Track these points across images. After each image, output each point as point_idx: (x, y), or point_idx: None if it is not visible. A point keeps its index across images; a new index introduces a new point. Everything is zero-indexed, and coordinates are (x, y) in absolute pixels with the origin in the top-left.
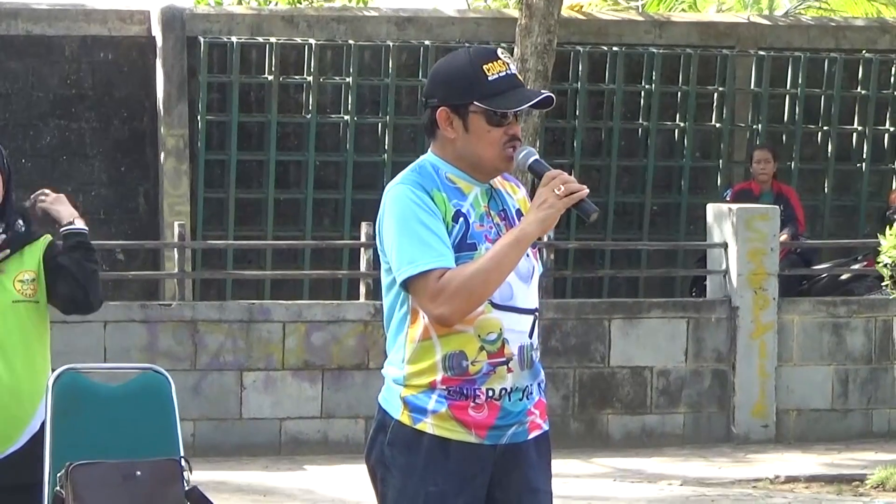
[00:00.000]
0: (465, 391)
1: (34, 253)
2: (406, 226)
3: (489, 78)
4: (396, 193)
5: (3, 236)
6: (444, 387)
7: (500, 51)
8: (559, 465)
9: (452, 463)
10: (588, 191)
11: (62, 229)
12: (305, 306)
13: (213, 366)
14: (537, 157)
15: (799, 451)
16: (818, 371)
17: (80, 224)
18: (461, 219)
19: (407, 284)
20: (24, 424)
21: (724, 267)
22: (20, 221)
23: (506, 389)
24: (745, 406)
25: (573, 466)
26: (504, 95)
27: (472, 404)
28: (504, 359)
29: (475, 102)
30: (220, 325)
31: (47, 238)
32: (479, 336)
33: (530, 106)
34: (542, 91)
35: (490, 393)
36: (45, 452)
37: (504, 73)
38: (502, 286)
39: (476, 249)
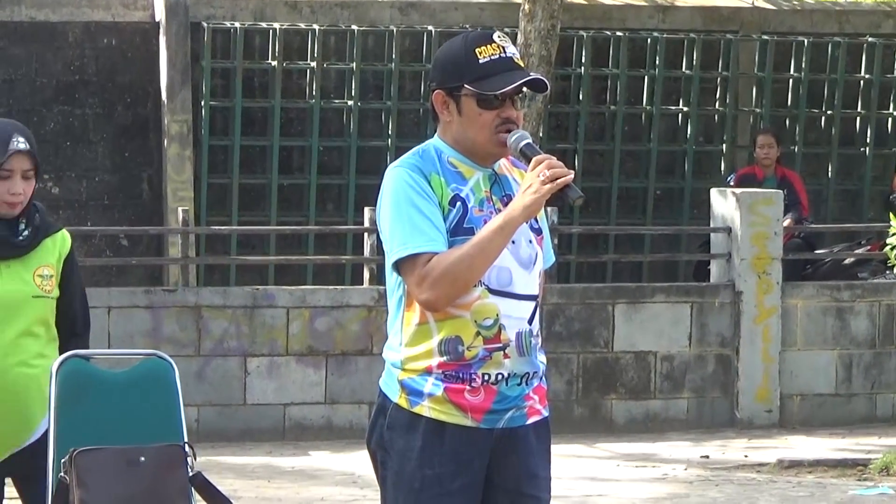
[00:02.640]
0: (461, 375)
1: (53, 248)
2: (400, 208)
3: (480, 61)
4: (394, 176)
5: (27, 232)
6: (441, 371)
7: (497, 34)
8: (563, 449)
9: (448, 446)
10: (572, 175)
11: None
12: (309, 291)
13: (216, 351)
14: (529, 141)
15: (803, 435)
16: (822, 356)
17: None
18: (458, 203)
19: (398, 267)
20: (44, 414)
21: (727, 251)
22: (37, 214)
23: (502, 375)
24: (748, 391)
25: (577, 451)
26: (494, 78)
27: (468, 388)
28: (500, 344)
29: (465, 85)
30: (223, 310)
31: (66, 236)
32: (475, 321)
33: (516, 87)
34: (531, 73)
35: (486, 377)
36: (50, 438)
37: (497, 56)
38: (501, 272)
39: (473, 234)
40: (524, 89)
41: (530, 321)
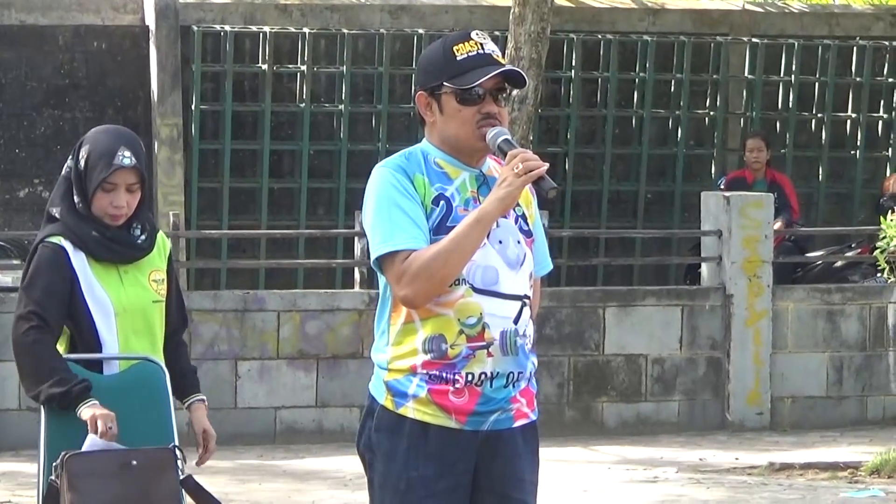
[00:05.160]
0: (444, 375)
1: (160, 252)
2: (382, 207)
3: (458, 58)
4: (377, 176)
5: (143, 236)
6: (425, 371)
7: (475, 32)
8: (554, 453)
9: (432, 448)
10: (546, 167)
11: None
12: (300, 295)
13: (207, 355)
14: (508, 137)
15: (794, 438)
16: (813, 358)
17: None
18: (442, 202)
19: (379, 265)
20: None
21: (718, 254)
22: (149, 216)
23: (486, 374)
24: (739, 394)
25: (568, 454)
26: (471, 73)
27: (451, 389)
28: (484, 343)
29: (444, 83)
30: (214, 314)
31: (164, 237)
32: (458, 319)
33: (491, 78)
34: (505, 64)
35: (469, 377)
36: (41, 442)
37: (474, 53)
38: (487, 271)
39: None
40: (513, 91)
41: (516, 321)
